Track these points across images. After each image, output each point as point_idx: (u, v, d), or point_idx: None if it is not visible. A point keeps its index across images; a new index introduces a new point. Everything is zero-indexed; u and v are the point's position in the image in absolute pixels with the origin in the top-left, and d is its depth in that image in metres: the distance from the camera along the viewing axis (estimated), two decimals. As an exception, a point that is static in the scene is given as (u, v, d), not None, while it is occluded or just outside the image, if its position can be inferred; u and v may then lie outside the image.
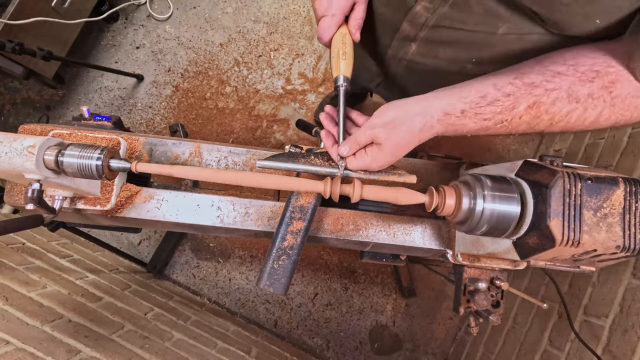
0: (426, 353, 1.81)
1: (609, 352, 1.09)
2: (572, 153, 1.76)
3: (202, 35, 1.96)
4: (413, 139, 0.54)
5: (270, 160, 0.60)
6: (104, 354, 0.87)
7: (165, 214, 0.66)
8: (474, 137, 0.56)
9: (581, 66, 0.48)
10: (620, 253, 0.48)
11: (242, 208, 0.68)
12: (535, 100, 0.49)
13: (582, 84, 0.48)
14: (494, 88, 0.51)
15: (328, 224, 0.68)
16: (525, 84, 0.50)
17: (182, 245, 1.81)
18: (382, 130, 0.53)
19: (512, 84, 0.50)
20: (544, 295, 1.46)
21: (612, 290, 1.16)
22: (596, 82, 0.48)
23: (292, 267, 0.58)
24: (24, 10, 1.38)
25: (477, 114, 0.51)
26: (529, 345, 1.40)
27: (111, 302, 1.16)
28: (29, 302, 0.92)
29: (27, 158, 0.48)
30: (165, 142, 0.70)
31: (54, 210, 0.58)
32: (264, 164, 0.60)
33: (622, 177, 0.48)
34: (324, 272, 1.84)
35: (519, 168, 0.54)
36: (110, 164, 0.55)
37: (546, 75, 0.49)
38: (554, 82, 0.49)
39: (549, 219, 0.47)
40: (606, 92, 0.48)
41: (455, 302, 0.69)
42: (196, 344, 1.18)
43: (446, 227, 0.70)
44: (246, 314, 1.78)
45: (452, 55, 0.65)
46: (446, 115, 0.52)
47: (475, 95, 0.51)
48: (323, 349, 1.77)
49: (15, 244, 1.20)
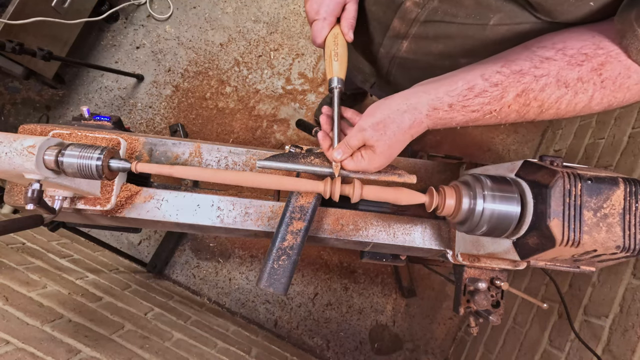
0: (426, 353, 1.81)
1: (609, 352, 1.09)
2: (572, 153, 1.76)
3: (202, 35, 1.96)
4: (404, 136, 0.53)
5: (270, 160, 0.60)
6: (104, 354, 0.87)
7: (165, 214, 0.66)
8: (474, 137, 0.56)
9: (569, 49, 0.48)
10: (620, 253, 0.48)
11: (242, 208, 0.68)
12: (524, 88, 0.49)
13: (570, 68, 0.47)
14: (482, 78, 0.50)
15: (328, 224, 0.68)
16: (513, 71, 0.49)
17: (182, 245, 1.81)
18: (373, 132, 0.53)
19: (500, 73, 0.49)
20: (544, 295, 1.46)
21: (612, 290, 1.16)
22: (585, 65, 0.47)
23: (292, 267, 0.58)
24: (24, 10, 1.38)
25: (465, 107, 0.50)
26: (529, 345, 1.40)
27: (111, 302, 1.16)
28: (29, 302, 0.92)
29: (27, 158, 0.48)
30: (165, 142, 0.70)
31: (54, 210, 0.58)
32: (264, 164, 0.60)
33: (622, 177, 0.48)
34: (324, 272, 1.84)
35: (519, 168, 0.54)
36: (110, 164, 0.55)
37: (534, 61, 0.49)
38: (542, 68, 0.48)
39: (549, 219, 0.47)
40: (596, 74, 0.47)
41: (455, 302, 0.69)
42: (196, 344, 1.18)
43: (446, 227, 0.70)
44: (246, 314, 1.78)
45: (444, 49, 0.65)
46: (434, 110, 0.51)
47: (462, 87, 0.50)
48: (323, 349, 1.77)
49: (15, 244, 1.20)
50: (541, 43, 0.51)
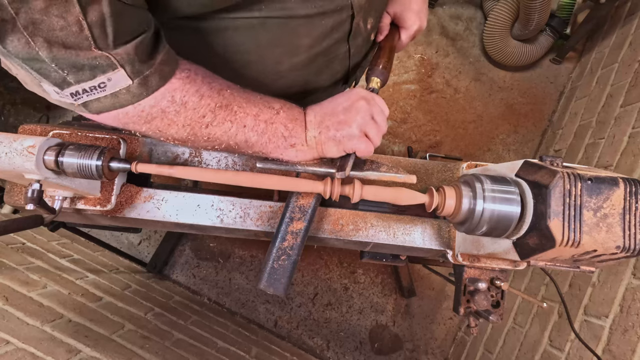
0: (426, 353, 1.81)
1: (609, 352, 1.09)
2: (572, 153, 1.76)
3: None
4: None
5: (271, 160, 0.60)
6: (104, 354, 0.87)
7: (165, 214, 0.66)
8: (474, 137, 0.56)
9: None
10: (620, 253, 0.48)
11: (242, 208, 0.68)
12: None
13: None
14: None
15: (328, 224, 0.68)
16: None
17: (182, 245, 1.81)
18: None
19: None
20: (544, 295, 1.46)
21: (612, 290, 1.16)
22: None
23: (292, 267, 0.58)
24: (24, 10, 1.38)
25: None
26: (529, 345, 1.40)
27: (111, 302, 1.16)
28: (29, 302, 0.92)
29: (27, 158, 0.48)
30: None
31: (54, 210, 0.58)
32: (264, 164, 0.60)
33: (622, 177, 0.48)
34: (324, 272, 1.84)
35: (519, 168, 0.54)
36: (110, 165, 0.55)
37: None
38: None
39: (549, 219, 0.47)
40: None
41: (455, 302, 0.69)
42: (196, 344, 1.18)
43: (446, 227, 0.70)
44: (246, 314, 1.78)
45: None
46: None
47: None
48: (323, 349, 1.77)
49: (15, 244, 1.20)
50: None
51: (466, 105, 2.06)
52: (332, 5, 0.55)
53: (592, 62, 1.94)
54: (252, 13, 0.52)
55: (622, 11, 1.85)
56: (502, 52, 1.98)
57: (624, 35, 1.76)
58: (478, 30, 2.14)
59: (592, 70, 1.91)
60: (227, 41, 0.56)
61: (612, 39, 1.84)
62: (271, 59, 0.61)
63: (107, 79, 0.42)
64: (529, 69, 2.11)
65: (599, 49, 1.93)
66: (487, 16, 2.00)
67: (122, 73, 0.42)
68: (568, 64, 2.11)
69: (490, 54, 2.04)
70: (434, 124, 2.03)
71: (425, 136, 2.01)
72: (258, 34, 0.55)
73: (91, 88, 0.42)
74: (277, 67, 0.63)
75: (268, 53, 0.59)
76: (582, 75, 1.98)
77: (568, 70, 2.11)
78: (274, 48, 0.59)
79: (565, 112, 1.96)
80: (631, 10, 1.79)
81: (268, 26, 0.54)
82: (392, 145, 2.00)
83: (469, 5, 2.17)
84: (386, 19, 0.73)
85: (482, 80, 2.10)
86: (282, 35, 0.56)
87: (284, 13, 0.53)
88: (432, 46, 2.13)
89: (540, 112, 2.08)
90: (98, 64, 0.40)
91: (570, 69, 2.11)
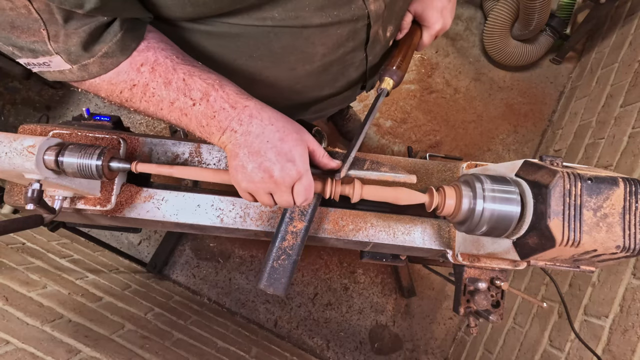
0: (426, 353, 1.81)
1: (609, 352, 1.09)
2: (572, 153, 1.76)
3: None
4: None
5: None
6: (104, 354, 0.87)
7: (165, 214, 0.66)
8: (474, 137, 0.56)
9: None
10: (620, 253, 0.48)
11: (242, 208, 0.68)
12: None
13: None
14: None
15: (328, 224, 0.68)
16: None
17: (182, 245, 1.81)
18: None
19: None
20: (544, 295, 1.46)
21: (612, 290, 1.16)
22: None
23: (292, 267, 0.58)
24: (24, 10, 1.38)
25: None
26: (529, 345, 1.40)
27: (111, 302, 1.16)
28: (29, 302, 0.92)
29: (27, 158, 0.48)
30: (165, 142, 0.70)
31: (54, 210, 0.58)
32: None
33: (622, 177, 0.48)
34: (324, 272, 1.84)
35: (519, 168, 0.54)
36: (110, 164, 0.55)
37: None
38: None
39: (549, 219, 0.47)
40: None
41: (455, 302, 0.69)
42: (196, 344, 1.18)
43: (446, 227, 0.70)
44: (246, 314, 1.78)
45: None
46: None
47: None
48: (323, 349, 1.77)
49: (15, 244, 1.20)
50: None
51: (466, 105, 2.06)
52: (347, 14, 0.55)
53: (592, 62, 1.94)
54: (264, 21, 0.51)
55: (622, 11, 1.85)
56: (502, 52, 1.98)
57: (624, 35, 1.76)
58: (478, 30, 2.14)
59: (592, 70, 1.91)
60: (241, 48, 0.56)
61: (612, 39, 1.84)
62: (285, 66, 0.60)
63: (48, 60, 0.46)
64: (529, 69, 2.11)
65: (599, 49, 1.93)
66: (487, 16, 2.00)
67: (59, 59, 0.46)
68: (568, 64, 2.11)
69: (490, 54, 2.04)
70: (433, 124, 2.03)
71: (425, 136, 2.01)
72: (271, 41, 0.55)
73: (37, 64, 0.46)
74: (292, 74, 0.62)
75: (282, 60, 0.59)
76: (582, 75, 1.98)
77: (568, 70, 2.11)
78: (288, 55, 0.58)
79: (565, 112, 1.96)
80: (631, 10, 1.79)
81: (281, 34, 0.54)
82: (392, 145, 2.00)
83: (469, 5, 2.17)
84: (407, 17, 0.71)
85: (482, 80, 2.10)
86: (296, 44, 0.56)
87: (297, 22, 0.52)
88: (432, 46, 2.13)
89: (540, 112, 2.08)
90: (35, 48, 0.44)
91: (570, 69, 2.11)
